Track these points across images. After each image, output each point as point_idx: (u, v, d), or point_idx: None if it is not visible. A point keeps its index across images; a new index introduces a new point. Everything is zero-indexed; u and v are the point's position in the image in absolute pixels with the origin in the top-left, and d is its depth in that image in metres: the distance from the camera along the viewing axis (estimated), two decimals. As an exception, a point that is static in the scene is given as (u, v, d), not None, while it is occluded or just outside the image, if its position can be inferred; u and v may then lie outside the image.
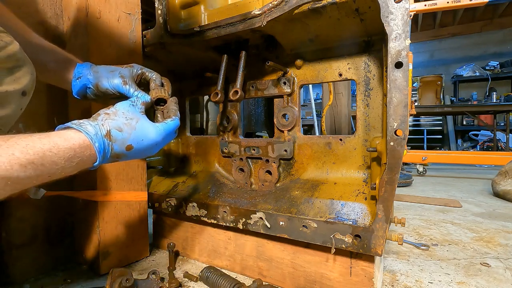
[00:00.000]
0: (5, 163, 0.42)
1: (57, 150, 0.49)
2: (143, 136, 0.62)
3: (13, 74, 0.53)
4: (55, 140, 0.50)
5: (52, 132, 0.52)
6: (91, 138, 0.54)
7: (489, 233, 1.47)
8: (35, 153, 0.46)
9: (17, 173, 0.43)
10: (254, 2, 0.89)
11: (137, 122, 0.63)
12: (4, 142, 0.44)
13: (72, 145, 0.51)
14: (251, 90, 1.09)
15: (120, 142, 0.59)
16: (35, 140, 0.47)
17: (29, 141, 0.46)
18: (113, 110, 0.62)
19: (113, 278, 0.81)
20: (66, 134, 0.53)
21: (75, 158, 0.52)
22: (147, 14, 1.30)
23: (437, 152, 4.00)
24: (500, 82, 6.28)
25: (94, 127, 0.56)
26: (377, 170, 0.83)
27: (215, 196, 1.08)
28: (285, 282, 0.95)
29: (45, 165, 0.47)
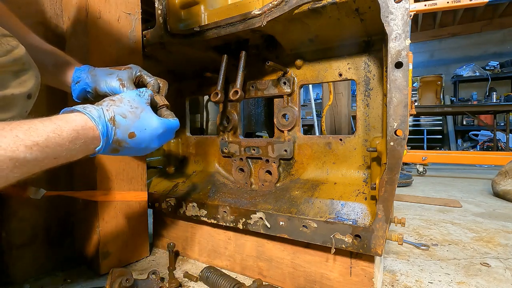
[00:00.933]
0: (11, 144, 0.43)
1: (60, 132, 0.49)
2: (146, 125, 0.62)
3: (19, 77, 0.54)
4: (57, 123, 0.50)
5: (55, 116, 0.52)
6: (94, 120, 0.54)
7: (489, 233, 1.47)
8: (38, 135, 0.46)
9: (24, 154, 0.44)
10: (254, 2, 0.89)
11: (142, 111, 0.63)
12: (7, 125, 0.44)
13: (75, 127, 0.51)
14: (251, 90, 1.09)
15: (123, 129, 0.59)
16: (37, 123, 0.47)
17: (31, 124, 0.47)
18: (119, 98, 0.63)
19: (113, 278, 0.81)
20: (69, 116, 0.53)
21: (78, 140, 0.51)
22: (147, 14, 1.30)
23: (437, 152, 3.99)
24: (500, 82, 6.28)
25: (98, 110, 0.56)
26: (377, 170, 0.83)
27: (215, 196, 1.08)
28: (285, 282, 0.95)
29: (49, 147, 0.47)
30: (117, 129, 0.58)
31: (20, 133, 0.44)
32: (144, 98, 0.66)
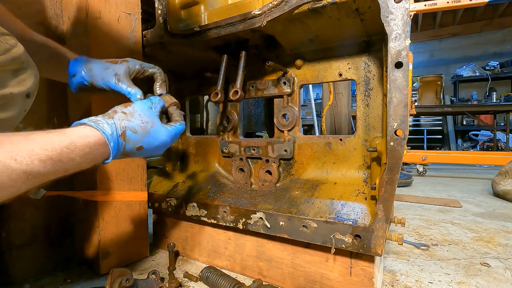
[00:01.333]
0: (26, 158, 0.44)
1: (73, 147, 0.51)
2: (155, 139, 0.65)
3: (18, 76, 0.54)
4: (72, 138, 0.51)
5: (69, 129, 0.53)
6: (107, 138, 0.56)
7: (489, 233, 1.47)
8: (53, 149, 0.48)
9: (38, 168, 0.45)
10: (254, 2, 0.89)
11: (152, 126, 0.65)
12: (24, 138, 0.46)
13: (88, 143, 0.53)
14: (251, 90, 1.09)
15: (132, 143, 0.61)
16: (53, 137, 0.49)
17: (47, 138, 0.48)
18: (130, 110, 0.64)
19: (113, 278, 0.81)
20: (83, 131, 0.54)
21: (90, 155, 0.53)
22: (147, 14, 1.30)
23: (437, 152, 3.99)
24: (500, 82, 6.28)
25: (111, 126, 0.58)
26: (377, 170, 0.83)
27: (215, 196, 1.08)
28: (285, 282, 0.95)
29: (62, 161, 0.49)
30: (126, 144, 0.60)
31: (36, 147, 0.46)
32: (155, 110, 0.68)
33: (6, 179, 0.42)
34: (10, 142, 0.43)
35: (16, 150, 0.43)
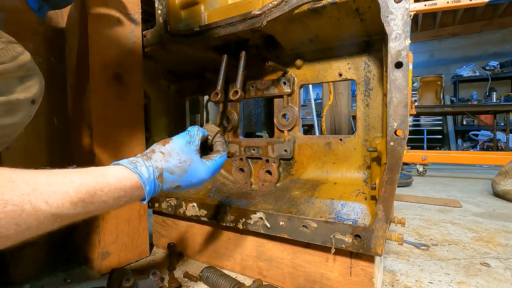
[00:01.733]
0: (58, 200, 0.43)
1: (108, 190, 0.50)
2: (192, 177, 0.63)
3: (24, 83, 0.54)
4: (108, 179, 0.50)
5: (107, 170, 0.52)
6: (143, 182, 0.55)
7: (489, 233, 1.47)
8: (87, 191, 0.47)
9: (68, 210, 0.44)
10: (254, 2, 0.89)
11: (190, 164, 0.63)
12: (62, 179, 0.45)
13: (124, 186, 0.52)
14: (251, 90, 1.09)
15: (170, 184, 0.60)
16: (89, 179, 0.48)
17: (84, 179, 0.47)
18: (168, 150, 0.62)
19: (113, 278, 0.81)
20: (120, 173, 0.53)
21: (124, 198, 0.52)
22: (147, 14, 1.30)
23: (437, 152, 3.99)
24: (500, 82, 6.28)
25: (148, 169, 0.56)
26: (377, 170, 0.83)
27: (215, 196, 1.07)
28: (285, 282, 0.95)
29: (94, 203, 0.48)
30: (164, 185, 0.59)
31: (70, 189, 0.45)
32: (194, 145, 0.65)
33: (34, 221, 0.40)
34: (47, 184, 0.43)
35: (49, 192, 0.42)
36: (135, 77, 1.11)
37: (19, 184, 0.40)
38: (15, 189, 0.39)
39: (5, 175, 0.39)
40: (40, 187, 0.42)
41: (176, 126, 1.39)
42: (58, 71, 1.07)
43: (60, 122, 1.07)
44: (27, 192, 0.40)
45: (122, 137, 1.07)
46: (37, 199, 0.41)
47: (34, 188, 0.41)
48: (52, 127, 1.05)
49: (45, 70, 1.02)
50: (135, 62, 1.11)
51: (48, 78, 1.03)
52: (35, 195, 0.40)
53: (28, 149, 0.99)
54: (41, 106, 1.02)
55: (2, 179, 0.38)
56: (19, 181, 0.40)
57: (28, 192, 0.40)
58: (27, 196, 0.40)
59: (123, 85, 1.07)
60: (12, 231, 0.38)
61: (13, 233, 0.38)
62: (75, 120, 1.07)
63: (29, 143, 0.99)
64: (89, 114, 0.99)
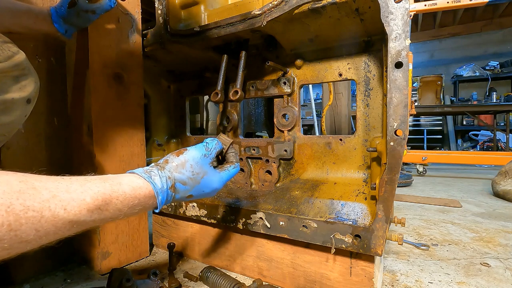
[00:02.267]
0: (75, 207, 0.44)
1: (123, 198, 0.51)
2: (205, 188, 0.65)
3: (19, 82, 0.55)
4: (124, 188, 0.52)
5: (123, 179, 0.53)
6: (156, 192, 0.56)
7: (489, 233, 1.47)
8: (103, 199, 0.48)
9: (84, 217, 0.45)
10: (254, 2, 0.89)
11: (203, 176, 0.64)
12: (80, 187, 0.46)
13: (138, 195, 0.53)
14: (251, 90, 1.09)
15: (182, 194, 0.62)
16: (106, 187, 0.49)
17: (101, 187, 0.48)
18: (182, 161, 0.63)
19: (113, 278, 0.81)
20: (136, 182, 0.54)
21: (138, 206, 0.54)
22: (147, 14, 1.30)
23: (437, 152, 3.99)
24: (500, 82, 6.28)
25: (161, 179, 0.58)
26: (377, 170, 0.83)
27: (215, 196, 1.08)
28: (285, 282, 0.95)
29: (109, 211, 0.49)
30: (176, 194, 0.61)
31: (88, 197, 0.46)
32: (209, 157, 0.67)
33: (52, 227, 0.42)
34: (66, 191, 0.44)
35: (68, 199, 0.43)
36: (135, 77, 1.11)
37: (40, 191, 0.41)
38: (37, 195, 0.40)
39: (29, 182, 0.40)
40: (60, 194, 0.43)
41: (176, 126, 1.39)
42: (58, 71, 1.07)
43: (60, 122, 1.07)
44: (47, 199, 0.41)
45: (122, 137, 1.07)
46: (56, 205, 0.42)
47: (54, 195, 0.42)
48: (52, 127, 1.05)
49: (45, 70, 1.02)
50: (135, 62, 1.11)
51: (48, 78, 1.04)
52: (55, 202, 0.42)
53: (28, 149, 0.99)
54: (41, 106, 1.03)
55: (25, 186, 0.40)
56: (41, 188, 0.41)
57: (48, 199, 0.41)
58: (47, 203, 0.41)
59: (123, 85, 1.07)
60: (31, 236, 0.39)
61: (33, 238, 0.40)
62: (75, 120, 1.07)
63: (29, 143, 0.99)
64: (89, 114, 0.99)
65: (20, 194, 0.38)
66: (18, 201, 0.37)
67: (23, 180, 0.40)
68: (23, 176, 0.41)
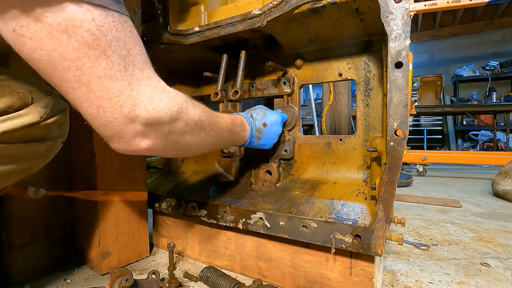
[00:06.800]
0: (225, 128, 0.74)
1: (236, 121, 0.81)
2: (271, 117, 0.93)
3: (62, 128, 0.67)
4: (231, 117, 0.80)
5: (233, 116, 0.82)
6: (244, 117, 0.87)
7: (489, 233, 1.47)
8: (232, 121, 0.79)
9: (227, 134, 0.76)
10: (254, 2, 0.89)
11: (266, 112, 0.95)
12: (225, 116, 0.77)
13: (239, 119, 0.84)
14: (251, 90, 1.09)
15: (258, 120, 0.90)
16: (227, 118, 0.77)
17: (227, 118, 0.77)
18: (254, 108, 0.97)
19: (113, 278, 0.81)
20: (236, 115, 0.84)
21: (241, 124, 0.83)
22: (147, 14, 1.30)
23: (437, 152, 3.99)
24: (500, 82, 6.28)
25: (246, 114, 0.90)
26: (377, 170, 0.83)
27: (215, 196, 1.08)
28: (285, 282, 0.95)
29: (234, 129, 0.79)
30: (255, 121, 0.89)
31: (228, 121, 0.77)
32: (267, 108, 0.99)
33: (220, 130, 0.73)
34: (220, 117, 0.74)
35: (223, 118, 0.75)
36: (135, 77, 1.11)
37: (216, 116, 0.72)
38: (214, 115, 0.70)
39: (214, 113, 0.70)
40: (220, 119, 0.73)
41: (176, 126, 1.39)
42: (58, 71, 1.07)
43: (60, 122, 1.07)
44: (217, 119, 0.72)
45: (122, 137, 1.07)
46: (222, 122, 0.74)
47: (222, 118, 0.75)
48: (52, 127, 1.05)
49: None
50: (135, 62, 1.10)
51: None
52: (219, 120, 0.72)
53: (28, 149, 0.99)
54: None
55: (213, 113, 0.70)
56: (217, 116, 0.72)
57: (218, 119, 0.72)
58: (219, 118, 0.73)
59: (123, 85, 1.06)
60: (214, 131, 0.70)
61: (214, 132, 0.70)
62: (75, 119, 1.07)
63: (29, 143, 0.99)
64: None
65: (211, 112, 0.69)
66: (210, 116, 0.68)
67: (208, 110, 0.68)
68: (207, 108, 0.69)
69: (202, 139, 0.65)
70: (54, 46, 0.42)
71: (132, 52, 0.49)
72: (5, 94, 0.55)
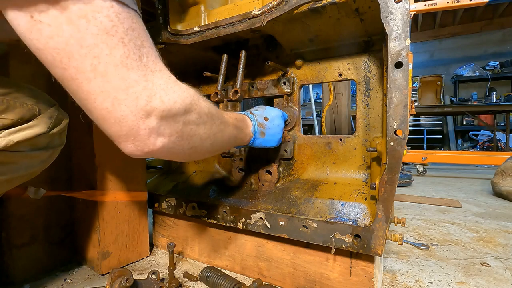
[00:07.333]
0: (231, 123, 0.74)
1: (238, 117, 0.80)
2: (271, 112, 0.94)
3: (61, 137, 0.71)
4: (233, 113, 0.80)
5: (235, 112, 0.83)
6: (245, 113, 0.87)
7: (489, 233, 1.47)
8: (235, 117, 0.78)
9: (233, 129, 0.75)
10: (254, 2, 0.89)
11: (265, 107, 0.95)
12: (230, 114, 0.77)
13: (241, 115, 0.83)
14: (251, 90, 1.09)
15: (259, 115, 0.90)
16: (230, 113, 0.77)
17: (230, 113, 0.77)
18: (255, 108, 0.96)
19: (113, 278, 0.81)
20: (238, 113, 0.84)
21: (244, 120, 0.83)
22: (147, 14, 1.30)
23: (437, 152, 3.99)
24: (500, 82, 6.28)
25: (246, 112, 0.89)
26: (377, 170, 0.83)
27: (215, 196, 1.08)
28: (285, 282, 0.95)
29: (238, 125, 0.78)
30: (256, 116, 0.88)
31: (234, 118, 0.77)
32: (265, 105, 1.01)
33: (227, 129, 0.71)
34: (229, 116, 0.75)
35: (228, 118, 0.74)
36: (135, 77, 1.11)
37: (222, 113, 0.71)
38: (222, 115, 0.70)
39: (220, 112, 0.70)
40: (225, 114, 0.73)
41: (176, 126, 1.39)
42: (58, 71, 1.07)
43: (60, 122, 1.07)
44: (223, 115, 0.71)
45: (122, 137, 1.07)
46: (228, 117, 0.73)
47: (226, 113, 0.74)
48: (52, 127, 1.05)
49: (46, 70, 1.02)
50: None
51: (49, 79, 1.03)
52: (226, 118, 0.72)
53: (28, 149, 0.99)
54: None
55: (220, 112, 0.69)
56: (222, 111, 0.72)
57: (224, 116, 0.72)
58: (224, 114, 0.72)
59: (123, 85, 1.07)
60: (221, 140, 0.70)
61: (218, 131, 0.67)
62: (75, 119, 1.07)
63: (29, 143, 0.99)
64: (89, 114, 0.99)
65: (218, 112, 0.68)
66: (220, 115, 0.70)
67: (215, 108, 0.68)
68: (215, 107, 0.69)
69: (215, 134, 0.64)
70: (72, 31, 0.41)
71: (145, 44, 0.49)
72: (16, 106, 0.58)
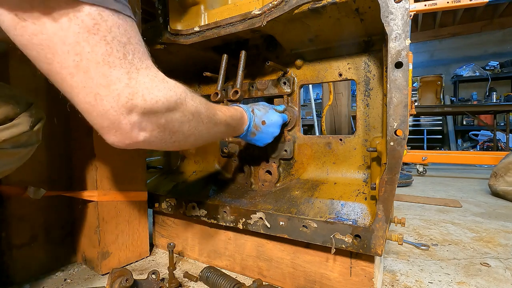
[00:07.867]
0: (223, 121, 0.73)
1: (235, 115, 0.80)
2: (271, 117, 0.93)
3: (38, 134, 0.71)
4: (231, 110, 0.79)
5: (231, 107, 0.83)
6: (245, 110, 0.86)
7: (489, 233, 1.47)
8: (231, 115, 0.78)
9: (224, 127, 0.74)
10: (254, 2, 0.89)
11: (269, 110, 0.94)
12: (225, 109, 0.77)
13: (239, 113, 0.82)
14: (251, 90, 1.09)
15: (258, 117, 0.89)
16: (226, 111, 0.77)
17: (226, 111, 0.76)
18: (257, 103, 0.97)
19: (113, 278, 0.81)
20: (236, 108, 0.83)
21: (241, 119, 0.83)
22: (147, 14, 1.30)
23: (437, 152, 3.99)
24: (500, 82, 6.28)
25: (246, 107, 0.88)
26: (377, 170, 0.83)
27: (215, 196, 1.08)
28: (285, 282, 0.95)
29: (231, 123, 0.78)
30: (255, 117, 0.88)
31: (227, 114, 0.76)
32: (270, 106, 0.99)
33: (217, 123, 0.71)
34: (219, 110, 0.73)
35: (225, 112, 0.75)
36: (135, 77, 1.11)
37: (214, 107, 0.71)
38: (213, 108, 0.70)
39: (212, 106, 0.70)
40: (219, 112, 0.72)
41: (176, 126, 1.39)
42: (58, 71, 1.07)
43: (60, 122, 1.07)
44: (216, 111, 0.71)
45: (122, 137, 1.07)
46: (221, 115, 0.73)
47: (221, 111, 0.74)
48: (52, 127, 1.05)
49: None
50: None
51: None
52: (219, 113, 0.72)
53: (28, 149, 0.99)
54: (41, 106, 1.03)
55: (211, 106, 0.69)
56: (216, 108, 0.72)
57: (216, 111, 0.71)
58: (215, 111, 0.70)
59: (123, 85, 1.06)
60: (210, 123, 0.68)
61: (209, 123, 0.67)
62: (75, 120, 1.07)
63: (29, 143, 0.99)
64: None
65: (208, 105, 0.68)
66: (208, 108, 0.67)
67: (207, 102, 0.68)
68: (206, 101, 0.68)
69: (200, 131, 0.64)
70: (55, 29, 0.42)
71: (132, 41, 0.49)
72: (1, 105, 0.59)
